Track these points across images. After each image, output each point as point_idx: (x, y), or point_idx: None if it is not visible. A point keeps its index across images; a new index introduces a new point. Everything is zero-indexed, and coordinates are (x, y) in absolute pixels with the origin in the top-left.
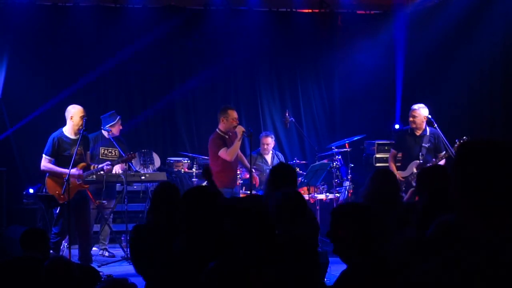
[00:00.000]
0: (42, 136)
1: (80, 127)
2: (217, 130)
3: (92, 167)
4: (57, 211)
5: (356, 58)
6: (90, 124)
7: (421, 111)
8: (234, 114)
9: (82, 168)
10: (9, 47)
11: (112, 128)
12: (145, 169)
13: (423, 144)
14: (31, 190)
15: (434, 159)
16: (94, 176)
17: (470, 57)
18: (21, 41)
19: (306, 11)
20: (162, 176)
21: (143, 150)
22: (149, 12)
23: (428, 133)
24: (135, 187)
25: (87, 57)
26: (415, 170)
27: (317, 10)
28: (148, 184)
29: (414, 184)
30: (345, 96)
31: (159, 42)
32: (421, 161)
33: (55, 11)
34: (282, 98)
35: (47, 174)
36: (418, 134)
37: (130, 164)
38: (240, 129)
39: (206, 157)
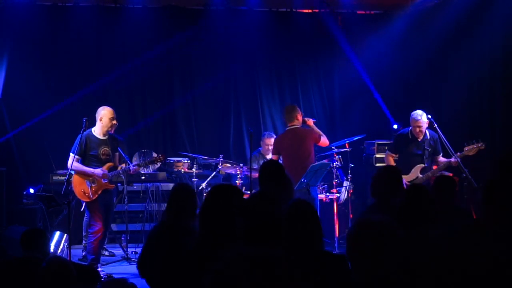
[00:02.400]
0: (41, 136)
1: (109, 129)
2: (298, 126)
3: (119, 168)
4: (83, 209)
5: (356, 58)
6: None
7: (423, 118)
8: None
9: (108, 168)
10: (9, 47)
11: None
12: (145, 169)
13: (426, 147)
14: (31, 190)
15: (433, 163)
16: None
17: (470, 58)
18: (21, 41)
19: (306, 11)
20: (162, 176)
21: (143, 150)
22: (149, 12)
23: (428, 137)
24: (135, 187)
25: (87, 57)
26: (420, 175)
27: (317, 10)
28: (148, 184)
29: None
30: (345, 96)
31: (159, 42)
32: (426, 165)
33: (55, 11)
34: (282, 98)
35: (73, 172)
36: (420, 139)
37: (130, 163)
38: (311, 121)
39: (206, 157)
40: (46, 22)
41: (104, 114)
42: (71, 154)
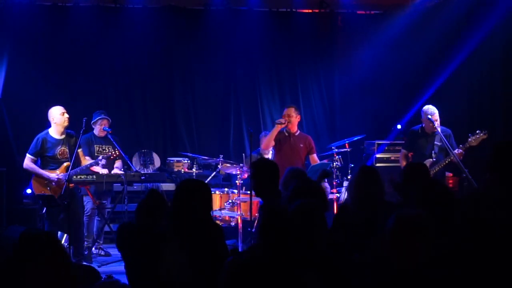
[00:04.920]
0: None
1: (64, 124)
2: None
3: (83, 164)
4: (44, 211)
5: (356, 58)
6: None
7: (436, 113)
8: (285, 111)
9: (65, 168)
10: (9, 47)
11: (95, 127)
12: (145, 169)
13: (435, 142)
14: (28, 191)
15: (445, 158)
16: (95, 176)
17: (470, 57)
18: (21, 41)
19: (306, 11)
20: (162, 176)
21: (143, 150)
22: (149, 12)
23: (439, 132)
24: (135, 187)
25: (87, 57)
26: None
27: (317, 10)
28: (148, 184)
29: None
30: (345, 96)
31: (159, 42)
32: (434, 159)
33: (55, 11)
34: (282, 98)
35: (33, 175)
36: (429, 133)
37: (130, 164)
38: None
39: (206, 157)
40: (46, 22)
41: (54, 113)
42: (27, 154)
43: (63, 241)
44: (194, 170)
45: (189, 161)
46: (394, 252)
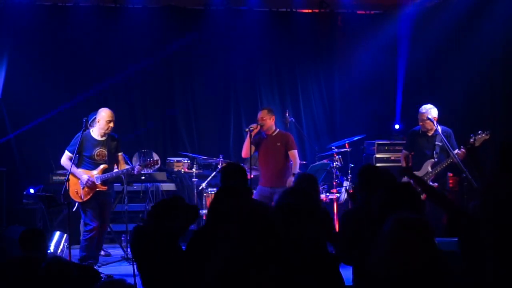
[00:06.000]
0: (42, 136)
1: (106, 131)
2: None
3: (123, 168)
4: (76, 209)
5: (356, 58)
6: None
7: (431, 112)
8: (258, 114)
9: (103, 170)
10: (9, 47)
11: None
12: (145, 169)
13: (436, 143)
14: (31, 190)
15: (447, 158)
16: None
17: (471, 57)
18: (21, 41)
19: (306, 11)
20: (162, 176)
21: (143, 150)
22: (149, 12)
23: (440, 132)
24: (135, 187)
25: (87, 57)
26: (430, 169)
27: (317, 10)
28: (148, 184)
29: (430, 183)
30: (345, 96)
31: (159, 42)
32: (435, 159)
33: (55, 11)
34: (282, 98)
35: (70, 171)
36: (430, 134)
37: (129, 163)
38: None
39: (206, 157)
40: (46, 22)
41: (102, 116)
42: (66, 151)
43: (63, 241)
44: (194, 170)
45: (189, 161)
46: (394, 256)
